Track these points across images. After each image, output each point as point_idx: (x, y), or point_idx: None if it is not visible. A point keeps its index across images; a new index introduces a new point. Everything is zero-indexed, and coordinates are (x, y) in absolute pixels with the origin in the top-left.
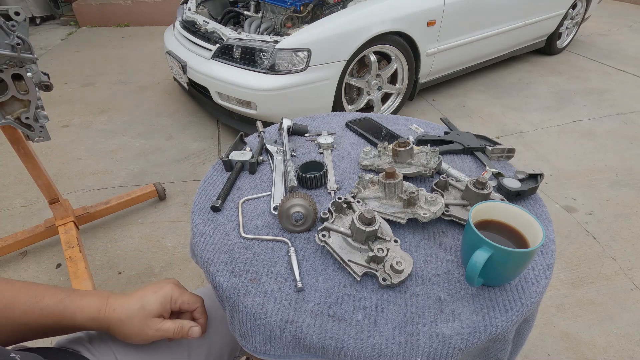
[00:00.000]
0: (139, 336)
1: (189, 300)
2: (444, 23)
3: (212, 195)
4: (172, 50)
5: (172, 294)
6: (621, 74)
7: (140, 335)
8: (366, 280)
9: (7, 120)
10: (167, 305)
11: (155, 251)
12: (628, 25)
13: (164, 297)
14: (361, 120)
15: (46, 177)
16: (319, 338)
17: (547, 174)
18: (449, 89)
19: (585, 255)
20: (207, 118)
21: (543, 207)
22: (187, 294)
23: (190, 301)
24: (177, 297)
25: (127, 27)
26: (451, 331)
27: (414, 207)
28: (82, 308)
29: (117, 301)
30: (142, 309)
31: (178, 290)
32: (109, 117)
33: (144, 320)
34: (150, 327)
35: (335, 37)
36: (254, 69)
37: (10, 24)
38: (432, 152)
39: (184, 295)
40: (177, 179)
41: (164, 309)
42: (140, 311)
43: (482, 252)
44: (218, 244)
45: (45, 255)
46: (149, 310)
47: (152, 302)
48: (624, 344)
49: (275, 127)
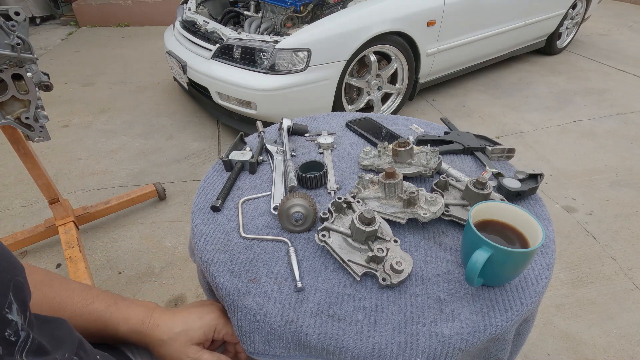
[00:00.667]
0: (175, 358)
1: (233, 332)
2: (444, 23)
3: (212, 195)
4: (172, 50)
5: (218, 324)
6: (621, 74)
7: (177, 359)
8: (366, 280)
9: (7, 120)
10: (210, 335)
11: (155, 251)
12: (628, 25)
13: (209, 326)
14: (361, 120)
15: (46, 177)
16: (318, 338)
17: (547, 174)
18: (449, 89)
19: (585, 255)
20: (207, 118)
21: (543, 207)
22: (231, 325)
23: (233, 333)
24: (221, 328)
25: (127, 27)
26: (451, 331)
27: (414, 207)
28: (127, 319)
29: (161, 318)
30: (184, 333)
31: (223, 321)
32: (109, 117)
33: (184, 346)
34: (188, 355)
35: (335, 37)
36: (254, 69)
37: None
38: (432, 152)
39: (228, 326)
40: (177, 179)
41: (206, 338)
42: (182, 335)
43: (482, 252)
44: (218, 244)
45: (45, 255)
46: (191, 336)
47: (197, 329)
48: (624, 344)
49: (275, 127)
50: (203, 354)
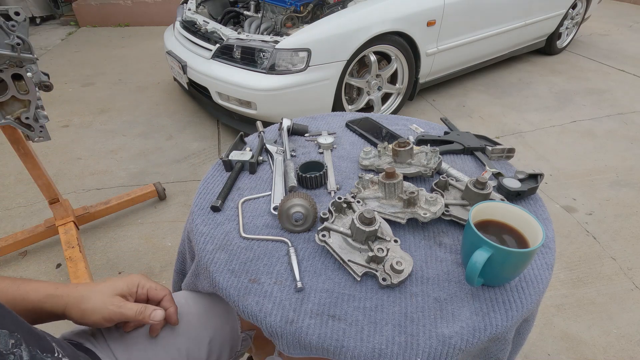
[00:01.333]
0: (98, 312)
1: (157, 287)
2: (444, 23)
3: (212, 195)
4: (172, 50)
5: (140, 280)
6: (621, 74)
7: (100, 311)
8: (366, 280)
9: (7, 120)
10: (133, 288)
11: (155, 251)
12: (628, 25)
13: (131, 280)
14: (361, 120)
15: (46, 177)
16: (318, 338)
17: (547, 174)
18: (449, 89)
19: (585, 255)
20: (207, 118)
21: (543, 207)
22: (154, 282)
23: (157, 288)
24: (144, 282)
25: (127, 27)
26: (451, 331)
27: (414, 207)
28: (37, 289)
29: (79, 284)
30: (108, 285)
31: (145, 278)
32: (109, 117)
33: (107, 297)
34: (112, 303)
35: (335, 37)
36: (254, 69)
37: (10, 24)
38: (432, 152)
39: (151, 282)
40: (177, 179)
41: (130, 291)
42: (105, 287)
43: (482, 252)
44: (218, 244)
45: (45, 255)
46: (113, 287)
47: (119, 282)
48: (624, 344)
49: (275, 127)
50: (127, 302)
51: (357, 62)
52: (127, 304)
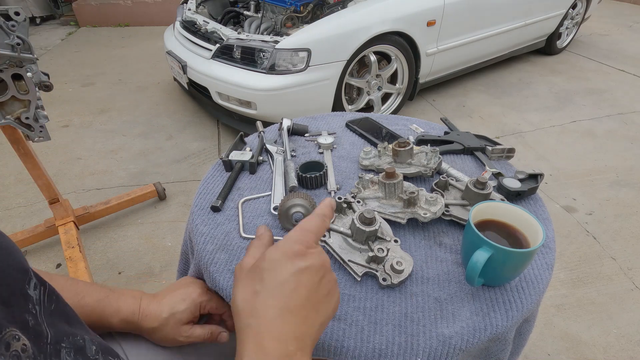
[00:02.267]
0: (170, 342)
1: (217, 306)
2: (444, 23)
3: (212, 195)
4: (172, 50)
5: (202, 301)
6: (621, 74)
7: (172, 342)
8: (366, 280)
9: (7, 120)
10: (196, 312)
11: (155, 251)
12: (628, 25)
13: (194, 305)
14: (361, 120)
15: (46, 177)
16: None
17: (547, 174)
18: (449, 89)
19: (585, 255)
20: (207, 118)
21: (543, 207)
22: (214, 299)
23: (218, 306)
24: (205, 304)
25: (127, 27)
26: (451, 331)
27: (414, 207)
28: (119, 311)
29: (148, 307)
30: (172, 316)
31: (206, 296)
32: (109, 117)
33: (175, 328)
34: (181, 335)
35: (335, 37)
36: (254, 69)
37: (10, 24)
38: (432, 152)
39: (211, 301)
40: (177, 179)
41: (193, 316)
42: (170, 319)
43: (482, 252)
44: (218, 244)
45: (45, 255)
46: (179, 318)
47: (183, 311)
48: (624, 344)
49: (275, 127)
50: (194, 330)
51: (357, 62)
52: (195, 333)
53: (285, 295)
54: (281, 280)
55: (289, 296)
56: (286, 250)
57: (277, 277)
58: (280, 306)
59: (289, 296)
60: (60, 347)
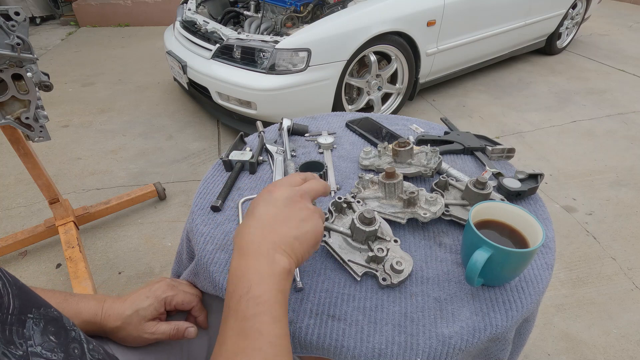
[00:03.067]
0: (135, 340)
1: (184, 300)
2: (444, 23)
3: (212, 195)
4: (172, 50)
5: (166, 296)
6: (621, 74)
7: (136, 340)
8: (366, 280)
9: (7, 120)
10: (160, 309)
11: (155, 251)
12: (628, 25)
13: (158, 300)
14: (361, 120)
15: (46, 177)
16: (318, 338)
17: (547, 174)
18: (449, 89)
19: (585, 255)
20: (207, 118)
21: (543, 207)
22: (181, 294)
23: (185, 301)
24: (171, 299)
25: (127, 27)
26: (451, 331)
27: (414, 207)
28: (79, 313)
29: (112, 307)
30: (136, 314)
31: (171, 292)
32: (109, 117)
33: (138, 325)
34: (145, 332)
35: (335, 37)
36: (254, 69)
37: (10, 24)
38: (432, 152)
39: (177, 296)
40: (177, 179)
41: (158, 312)
42: (134, 317)
43: (482, 252)
44: (218, 244)
45: (45, 255)
46: (143, 315)
47: (146, 307)
48: (624, 344)
49: (275, 127)
50: (159, 326)
51: (357, 62)
52: (159, 329)
53: (257, 215)
54: (255, 205)
55: (260, 215)
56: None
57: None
58: (254, 223)
59: (260, 215)
60: (27, 317)
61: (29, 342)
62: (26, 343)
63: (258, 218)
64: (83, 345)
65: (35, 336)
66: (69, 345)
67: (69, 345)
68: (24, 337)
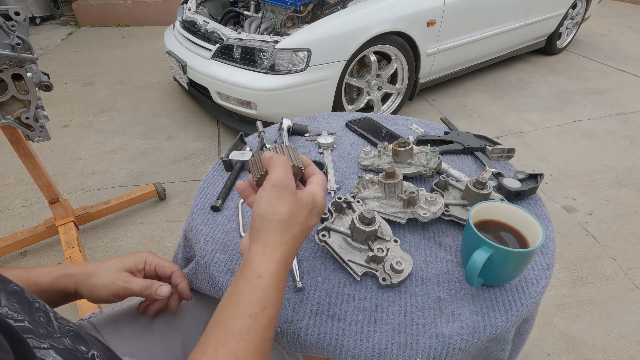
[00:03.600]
0: (106, 288)
1: (164, 264)
2: (444, 23)
3: (212, 195)
4: (172, 50)
5: (147, 256)
6: (621, 74)
7: (108, 287)
8: (366, 280)
9: (7, 120)
10: (140, 264)
11: (155, 251)
12: (628, 25)
13: (139, 256)
14: (361, 120)
15: (46, 177)
16: (318, 338)
17: (547, 174)
18: (449, 89)
19: (585, 255)
20: (207, 118)
21: (543, 207)
22: (162, 259)
23: (165, 264)
24: (152, 259)
25: (127, 27)
26: (451, 331)
27: (414, 207)
28: (48, 272)
29: (90, 262)
30: (115, 262)
31: (153, 255)
32: (109, 117)
33: (115, 272)
34: (119, 278)
35: (335, 37)
36: (254, 69)
37: (10, 24)
38: (432, 152)
39: (158, 259)
40: (177, 179)
41: (137, 267)
42: (113, 264)
43: (481, 252)
44: (218, 244)
45: (45, 255)
46: (122, 263)
47: (127, 258)
48: (624, 344)
49: (275, 127)
50: (133, 279)
51: (357, 62)
52: (134, 280)
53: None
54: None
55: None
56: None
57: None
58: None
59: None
60: None
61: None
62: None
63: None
64: (49, 314)
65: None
66: (33, 313)
67: (34, 315)
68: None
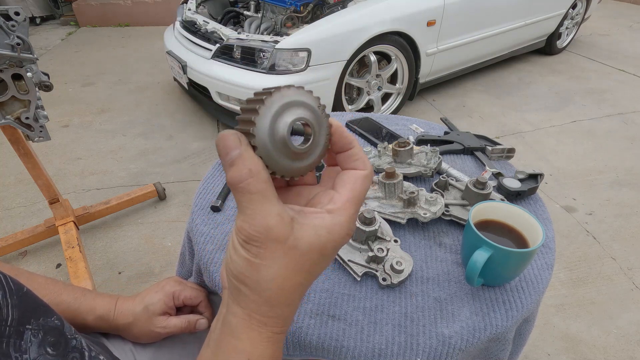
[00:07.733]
0: (147, 336)
1: (192, 295)
2: (444, 23)
3: (212, 195)
4: (172, 50)
5: (174, 290)
6: (621, 74)
7: (149, 335)
8: (366, 280)
9: (7, 120)
10: (170, 303)
11: (155, 251)
12: (628, 25)
13: (166, 294)
14: (361, 120)
15: (46, 177)
16: (318, 338)
17: (547, 174)
18: (449, 89)
19: (585, 255)
20: (207, 118)
21: (543, 207)
22: (188, 289)
23: (192, 296)
24: (179, 293)
25: (127, 27)
26: (451, 331)
27: (414, 207)
28: (94, 308)
29: (123, 305)
30: (145, 309)
31: (179, 287)
32: (109, 117)
33: (149, 321)
34: (156, 326)
35: (335, 37)
36: (254, 69)
37: (10, 24)
38: (432, 152)
39: (185, 290)
40: (177, 179)
41: (168, 307)
42: (144, 312)
43: (482, 252)
44: (218, 244)
45: (45, 255)
46: (153, 310)
47: (155, 302)
48: (624, 344)
49: None
50: (170, 320)
51: (357, 62)
52: (171, 323)
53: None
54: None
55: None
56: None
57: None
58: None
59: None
60: (25, 329)
61: (24, 357)
62: (22, 357)
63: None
64: (84, 353)
65: (32, 349)
66: (67, 355)
67: (68, 356)
68: (21, 350)
